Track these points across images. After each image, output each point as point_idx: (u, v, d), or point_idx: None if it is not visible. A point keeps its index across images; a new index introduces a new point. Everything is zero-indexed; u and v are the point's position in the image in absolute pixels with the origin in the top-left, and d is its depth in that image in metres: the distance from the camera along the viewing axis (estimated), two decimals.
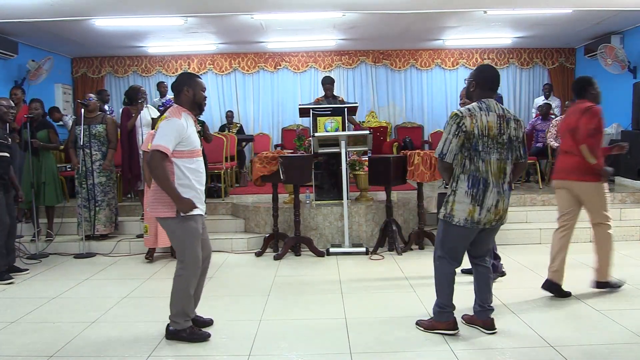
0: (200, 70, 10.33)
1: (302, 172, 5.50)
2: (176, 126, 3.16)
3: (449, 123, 3.12)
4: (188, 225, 3.25)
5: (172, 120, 3.18)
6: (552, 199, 6.79)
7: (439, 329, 3.32)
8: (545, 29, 8.59)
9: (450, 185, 3.19)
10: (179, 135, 3.17)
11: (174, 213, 3.21)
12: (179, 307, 3.32)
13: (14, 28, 7.44)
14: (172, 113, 3.24)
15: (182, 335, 3.32)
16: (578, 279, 4.51)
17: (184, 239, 3.28)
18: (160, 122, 3.27)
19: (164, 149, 3.12)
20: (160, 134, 3.16)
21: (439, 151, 3.15)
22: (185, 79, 3.35)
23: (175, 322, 3.34)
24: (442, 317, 3.32)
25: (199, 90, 3.34)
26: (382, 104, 10.55)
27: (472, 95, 3.27)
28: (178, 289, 3.31)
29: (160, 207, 3.25)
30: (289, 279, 4.82)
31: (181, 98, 3.33)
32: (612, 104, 8.89)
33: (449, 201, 3.18)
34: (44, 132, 6.06)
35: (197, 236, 3.30)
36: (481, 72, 3.27)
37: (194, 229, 3.28)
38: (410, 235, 5.80)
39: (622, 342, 3.15)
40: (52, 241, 6.04)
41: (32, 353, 3.20)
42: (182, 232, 3.26)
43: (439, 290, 3.34)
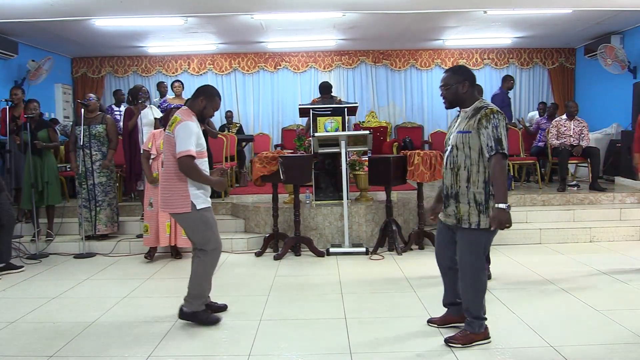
0: (200, 70, 10.34)
1: (302, 172, 5.50)
2: (192, 128, 3.42)
3: (498, 118, 2.96)
4: (203, 215, 3.51)
5: (187, 123, 3.42)
6: (552, 199, 6.80)
7: (478, 340, 3.14)
8: (545, 29, 8.60)
9: (485, 190, 3.01)
10: (196, 136, 3.43)
11: (189, 208, 3.45)
12: (198, 290, 3.57)
13: (14, 28, 7.45)
14: (186, 116, 3.47)
15: (198, 316, 3.55)
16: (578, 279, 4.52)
17: (203, 228, 3.52)
18: (174, 125, 3.44)
19: (193, 153, 3.39)
20: (183, 139, 3.38)
21: (504, 146, 2.93)
22: (206, 91, 3.59)
23: (191, 303, 3.56)
24: (481, 329, 3.15)
25: (211, 107, 3.59)
26: (382, 104, 10.56)
27: (464, 98, 3.13)
28: (199, 273, 3.59)
29: (175, 203, 3.49)
30: (289, 279, 4.82)
31: (194, 104, 3.56)
32: (612, 104, 8.92)
33: (489, 207, 3.00)
34: (44, 132, 6.06)
35: (213, 223, 3.60)
36: (467, 71, 3.19)
37: (210, 218, 3.56)
38: (410, 235, 5.80)
39: (622, 342, 3.15)
40: (52, 241, 6.04)
41: (32, 353, 3.20)
42: (200, 222, 3.51)
43: (480, 301, 3.14)
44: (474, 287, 3.13)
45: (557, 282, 4.41)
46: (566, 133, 7.32)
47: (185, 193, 3.44)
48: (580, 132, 7.30)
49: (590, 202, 6.78)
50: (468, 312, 3.18)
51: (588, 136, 7.32)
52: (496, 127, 2.95)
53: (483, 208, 3.01)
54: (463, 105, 3.16)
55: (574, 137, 7.28)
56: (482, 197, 3.02)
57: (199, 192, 3.49)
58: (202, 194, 3.52)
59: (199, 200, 3.48)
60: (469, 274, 3.13)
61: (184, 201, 3.44)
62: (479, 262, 3.12)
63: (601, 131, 8.68)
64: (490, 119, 2.96)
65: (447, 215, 3.18)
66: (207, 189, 3.59)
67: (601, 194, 6.85)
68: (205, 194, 3.55)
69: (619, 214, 6.41)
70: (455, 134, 3.12)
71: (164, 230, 5.33)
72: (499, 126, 2.96)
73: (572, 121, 7.36)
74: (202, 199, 3.51)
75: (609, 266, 4.89)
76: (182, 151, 3.36)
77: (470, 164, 3.04)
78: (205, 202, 3.54)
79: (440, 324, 3.48)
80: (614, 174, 7.97)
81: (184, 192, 3.44)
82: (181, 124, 3.41)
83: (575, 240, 5.96)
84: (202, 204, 3.50)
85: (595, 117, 9.13)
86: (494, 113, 2.98)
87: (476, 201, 3.03)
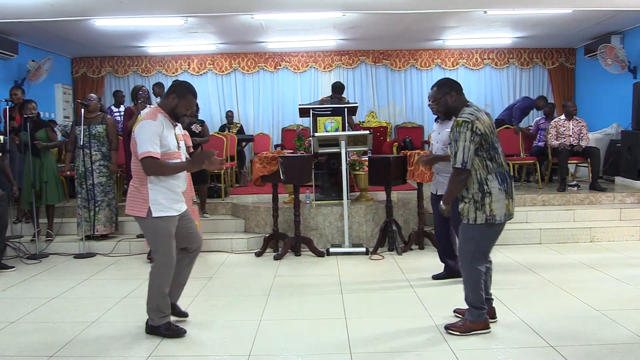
0: (201, 70, 10.34)
1: (302, 172, 5.50)
2: (151, 128, 3.18)
3: (460, 131, 3.09)
4: (158, 225, 3.28)
5: (145, 122, 3.21)
6: (552, 199, 6.80)
7: (477, 330, 3.30)
8: (545, 29, 8.60)
9: (480, 190, 3.15)
10: (157, 136, 3.18)
11: (144, 213, 3.25)
12: (153, 304, 3.39)
13: (14, 28, 7.45)
14: (148, 115, 3.28)
15: (159, 330, 3.40)
16: (578, 279, 4.52)
17: (155, 238, 3.35)
18: (135, 125, 3.28)
19: (154, 154, 3.15)
20: (142, 140, 3.16)
21: (461, 161, 3.09)
22: (178, 88, 3.37)
23: (151, 318, 3.42)
24: (480, 318, 3.31)
25: (183, 105, 3.34)
26: (382, 104, 10.56)
27: (455, 106, 3.29)
28: (152, 285, 3.39)
29: (133, 205, 3.32)
30: (289, 279, 4.82)
31: (165, 101, 3.37)
32: (612, 104, 8.91)
33: (484, 204, 3.15)
34: (43, 132, 6.06)
35: (168, 236, 3.32)
36: (449, 81, 3.36)
37: (164, 229, 3.30)
38: (410, 235, 5.80)
39: (622, 342, 3.15)
40: (52, 241, 6.04)
41: (32, 353, 3.20)
42: (153, 231, 3.33)
43: (474, 292, 3.30)
44: (471, 278, 3.31)
45: (557, 282, 4.41)
46: (565, 133, 7.32)
47: (144, 197, 3.23)
48: (580, 132, 7.30)
49: (591, 202, 6.78)
50: (467, 301, 3.37)
51: (587, 136, 7.31)
52: (456, 140, 3.12)
53: (479, 205, 3.18)
54: (456, 113, 3.29)
55: (574, 137, 7.28)
56: (479, 196, 3.18)
57: (159, 199, 3.23)
58: (165, 201, 3.25)
59: (157, 207, 3.23)
60: (467, 266, 3.32)
61: (141, 205, 3.24)
62: (475, 255, 3.28)
63: (601, 131, 8.68)
64: (454, 131, 3.14)
65: None
66: (177, 197, 3.34)
67: (601, 194, 6.85)
68: (170, 202, 3.28)
69: (619, 214, 6.41)
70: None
71: None
72: (459, 139, 3.10)
73: (571, 121, 7.36)
74: (163, 207, 3.25)
75: (609, 266, 4.89)
76: (142, 152, 3.13)
77: None
78: (166, 210, 3.26)
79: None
80: (614, 174, 7.96)
81: (144, 195, 3.24)
82: (140, 123, 3.21)
83: (575, 240, 5.96)
84: (160, 212, 3.24)
85: (595, 117, 9.14)
86: (459, 125, 3.12)
87: (474, 199, 3.20)
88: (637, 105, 7.57)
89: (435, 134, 4.45)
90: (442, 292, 4.26)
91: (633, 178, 7.38)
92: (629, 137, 7.55)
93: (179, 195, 3.39)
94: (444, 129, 4.24)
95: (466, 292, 3.35)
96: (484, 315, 3.32)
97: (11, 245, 5.80)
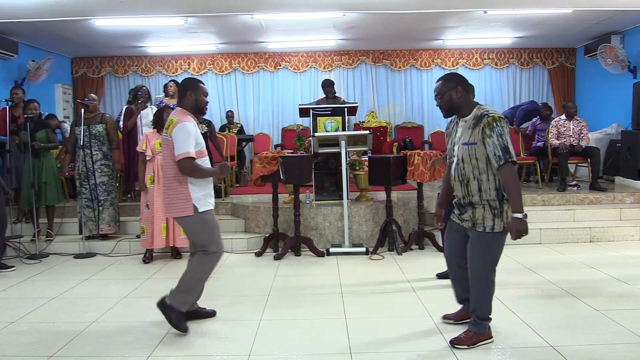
0: (200, 70, 10.33)
1: (302, 172, 5.49)
2: (189, 129, 3.35)
3: (502, 125, 2.90)
4: (205, 218, 3.45)
5: (184, 124, 3.34)
6: (552, 199, 6.80)
7: (483, 341, 3.17)
8: (545, 29, 8.60)
9: (497, 196, 3.00)
10: (194, 137, 3.36)
11: (192, 211, 3.39)
12: (187, 287, 3.48)
13: (14, 28, 7.45)
14: (181, 116, 3.39)
15: (171, 313, 3.44)
16: (578, 279, 4.52)
17: (206, 231, 3.47)
18: (171, 127, 3.37)
19: (192, 155, 3.33)
20: (181, 141, 3.31)
21: (512, 154, 2.89)
22: (188, 83, 3.52)
23: (175, 297, 3.46)
24: (484, 329, 3.18)
25: (201, 95, 3.50)
26: (382, 104, 10.55)
27: (459, 104, 3.09)
28: (194, 271, 3.51)
29: (177, 207, 3.43)
30: (289, 279, 4.82)
31: (184, 102, 3.49)
32: (612, 103, 8.92)
33: (503, 210, 3.00)
34: (43, 133, 6.06)
35: (216, 226, 3.53)
36: (459, 77, 3.15)
37: (211, 221, 3.50)
38: (411, 235, 5.80)
39: (622, 342, 3.15)
40: (52, 241, 6.04)
41: (32, 353, 3.21)
42: (202, 225, 3.46)
43: (488, 304, 3.16)
44: (483, 289, 3.14)
45: (557, 282, 4.41)
46: (566, 133, 7.33)
47: (186, 196, 3.38)
48: (580, 132, 7.30)
49: (590, 202, 6.78)
50: (475, 313, 3.18)
51: (587, 136, 7.32)
52: (501, 135, 2.90)
53: (498, 212, 3.02)
54: (461, 111, 3.12)
55: (574, 137, 7.28)
56: (496, 203, 3.02)
57: (200, 195, 3.42)
58: (204, 197, 3.45)
59: (201, 203, 3.42)
60: (480, 276, 3.12)
61: (185, 204, 3.38)
62: (490, 265, 3.11)
63: (601, 131, 8.68)
64: (494, 127, 2.91)
65: (463, 220, 3.17)
66: (210, 192, 3.54)
67: (601, 193, 6.85)
68: (208, 197, 3.49)
69: (619, 214, 6.41)
70: (461, 145, 3.07)
71: (160, 232, 5.34)
72: (503, 134, 2.91)
73: (572, 121, 7.36)
74: (204, 202, 3.44)
75: (609, 266, 4.89)
76: (181, 154, 3.30)
77: (479, 174, 3.02)
78: (207, 204, 3.47)
79: (457, 319, 3.49)
80: (614, 174, 7.96)
81: (186, 195, 3.38)
82: (178, 125, 3.34)
83: (575, 240, 5.96)
84: (204, 206, 3.43)
85: (596, 117, 9.13)
86: (496, 120, 2.92)
87: (491, 206, 3.03)
88: (637, 105, 7.57)
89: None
90: (442, 293, 4.26)
91: (633, 178, 7.38)
92: (629, 137, 7.55)
93: (212, 191, 3.58)
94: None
95: (478, 304, 3.16)
96: (487, 326, 3.20)
97: (11, 245, 5.81)
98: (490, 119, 2.93)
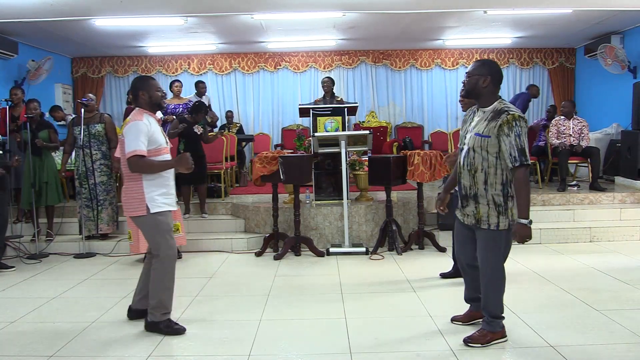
0: (200, 70, 10.33)
1: (302, 172, 5.50)
2: (140, 127, 3.32)
3: (521, 126, 2.87)
4: (157, 220, 3.39)
5: (134, 123, 3.33)
6: (551, 199, 6.80)
7: (496, 339, 3.15)
8: (545, 29, 8.59)
9: (502, 192, 2.98)
10: (145, 135, 3.32)
11: (144, 211, 3.35)
12: (156, 300, 3.44)
13: (14, 28, 7.44)
14: (134, 116, 3.40)
15: (159, 327, 3.44)
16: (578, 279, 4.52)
17: (157, 233, 3.42)
18: (124, 126, 3.40)
19: (141, 152, 3.29)
20: (130, 139, 3.29)
21: (528, 157, 2.86)
22: (138, 83, 3.51)
23: (152, 313, 3.45)
24: (498, 327, 3.16)
25: (153, 91, 3.48)
26: (382, 104, 10.55)
27: (481, 92, 3.03)
28: (155, 280, 3.46)
29: (131, 206, 3.40)
30: (289, 279, 4.82)
31: (140, 102, 3.48)
32: (612, 103, 8.91)
33: (507, 208, 2.98)
34: (45, 132, 6.07)
35: (168, 229, 3.45)
36: (493, 67, 3.07)
37: (165, 223, 3.43)
38: (410, 235, 5.80)
39: (621, 342, 3.15)
40: (52, 241, 6.04)
41: (32, 353, 3.21)
42: (154, 227, 3.41)
43: (500, 301, 3.14)
44: (493, 286, 3.13)
45: (557, 282, 4.41)
46: (566, 132, 7.33)
47: (140, 195, 3.34)
48: (581, 132, 7.30)
49: (591, 202, 6.78)
50: (486, 310, 3.18)
51: (588, 135, 7.31)
52: (519, 136, 2.86)
53: (502, 209, 2.99)
54: (481, 100, 3.07)
55: (574, 136, 7.28)
56: (501, 199, 2.99)
57: (154, 195, 3.36)
58: (160, 196, 3.38)
59: (154, 204, 3.35)
60: (489, 273, 3.11)
61: (139, 204, 3.35)
62: (499, 262, 3.10)
63: (601, 131, 8.68)
64: (513, 126, 2.86)
65: (466, 215, 3.15)
66: (169, 191, 3.47)
67: (601, 193, 6.85)
68: (164, 196, 3.42)
69: (619, 214, 6.41)
70: (473, 135, 3.03)
71: None
72: (521, 134, 2.86)
73: (572, 120, 7.36)
74: (159, 202, 3.38)
75: (609, 266, 4.89)
76: (130, 152, 3.27)
77: (487, 167, 3.00)
78: (162, 205, 3.39)
79: (466, 320, 3.47)
80: (614, 174, 7.96)
81: (139, 194, 3.35)
82: (129, 124, 3.34)
83: (575, 240, 5.96)
84: (157, 207, 3.36)
85: (595, 117, 9.13)
86: (516, 120, 2.87)
87: (495, 202, 3.00)
88: (637, 105, 7.57)
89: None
90: (442, 293, 4.27)
91: (633, 178, 7.37)
92: (629, 137, 7.55)
93: (172, 191, 3.52)
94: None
95: (489, 301, 3.15)
96: (502, 323, 3.19)
97: (11, 245, 5.81)
98: (510, 117, 2.88)
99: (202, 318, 3.77)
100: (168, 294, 3.48)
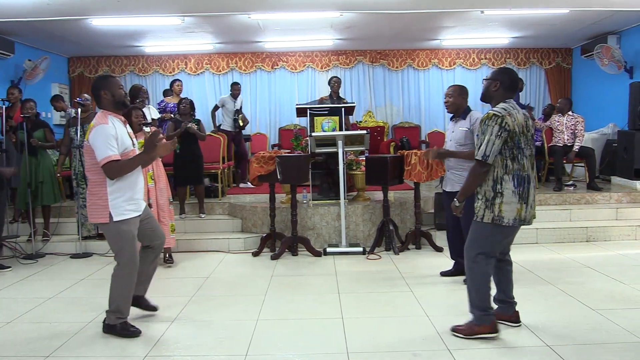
0: (198, 70, 10.32)
1: (299, 172, 5.50)
2: (107, 131, 3.21)
3: (489, 124, 3.05)
4: (120, 229, 3.33)
5: (100, 127, 3.22)
6: (548, 198, 6.81)
7: (482, 334, 3.20)
8: (542, 29, 8.61)
9: (493, 188, 3.11)
10: (114, 138, 3.22)
11: (107, 218, 3.28)
12: (113, 306, 3.44)
13: (11, 27, 7.42)
14: (99, 119, 3.27)
15: (116, 329, 3.43)
16: (574, 279, 4.53)
17: (119, 241, 3.37)
18: (88, 132, 3.27)
19: (114, 157, 3.19)
20: (100, 146, 3.18)
21: (482, 153, 3.05)
22: (99, 83, 3.38)
23: (109, 317, 3.46)
24: (485, 321, 3.21)
25: (116, 89, 3.36)
26: (379, 104, 10.55)
27: (492, 96, 3.25)
28: (114, 288, 3.44)
29: (95, 213, 3.34)
30: (286, 278, 4.81)
31: (103, 102, 3.35)
32: (609, 103, 8.94)
33: (494, 203, 3.10)
34: (41, 132, 6.05)
35: (131, 238, 3.38)
36: (505, 74, 3.27)
37: (128, 232, 3.35)
38: (407, 235, 5.80)
39: (619, 342, 3.16)
40: (49, 241, 6.02)
41: (29, 353, 3.20)
42: (116, 235, 3.35)
43: (479, 291, 3.22)
44: (474, 275, 3.23)
45: (554, 282, 4.42)
46: (559, 128, 7.36)
47: (104, 202, 3.26)
48: (574, 127, 7.28)
49: (587, 202, 6.80)
50: (470, 300, 3.27)
51: (582, 132, 7.29)
52: (483, 132, 3.08)
53: (489, 204, 3.14)
54: (492, 103, 3.27)
55: (567, 132, 7.28)
56: (491, 195, 3.14)
57: (119, 201, 3.27)
58: (124, 202, 3.30)
59: (117, 211, 3.27)
60: (470, 263, 3.24)
61: (102, 211, 3.27)
62: (481, 254, 3.19)
63: (598, 131, 8.70)
64: (483, 123, 3.10)
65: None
66: (134, 195, 3.38)
67: (597, 193, 6.87)
68: (129, 202, 3.33)
69: (615, 214, 6.43)
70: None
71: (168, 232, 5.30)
72: (486, 132, 3.07)
73: (565, 116, 7.37)
74: (123, 209, 3.30)
75: (605, 266, 4.90)
76: (103, 159, 3.16)
77: None
78: (126, 212, 3.31)
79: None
80: (611, 174, 7.98)
81: (103, 201, 3.26)
82: (94, 130, 3.21)
83: (571, 239, 5.97)
84: (121, 215, 3.28)
85: (592, 117, 9.15)
86: (489, 118, 3.08)
87: (486, 197, 3.16)
88: (633, 105, 7.59)
89: (449, 132, 4.49)
90: (440, 292, 4.27)
91: (629, 178, 7.39)
92: (625, 137, 7.57)
93: (139, 193, 3.44)
94: (458, 128, 4.32)
95: (469, 292, 3.25)
96: (490, 317, 3.22)
97: (7, 245, 5.79)
98: (486, 115, 3.12)
99: (198, 318, 3.77)
100: (125, 301, 3.46)
